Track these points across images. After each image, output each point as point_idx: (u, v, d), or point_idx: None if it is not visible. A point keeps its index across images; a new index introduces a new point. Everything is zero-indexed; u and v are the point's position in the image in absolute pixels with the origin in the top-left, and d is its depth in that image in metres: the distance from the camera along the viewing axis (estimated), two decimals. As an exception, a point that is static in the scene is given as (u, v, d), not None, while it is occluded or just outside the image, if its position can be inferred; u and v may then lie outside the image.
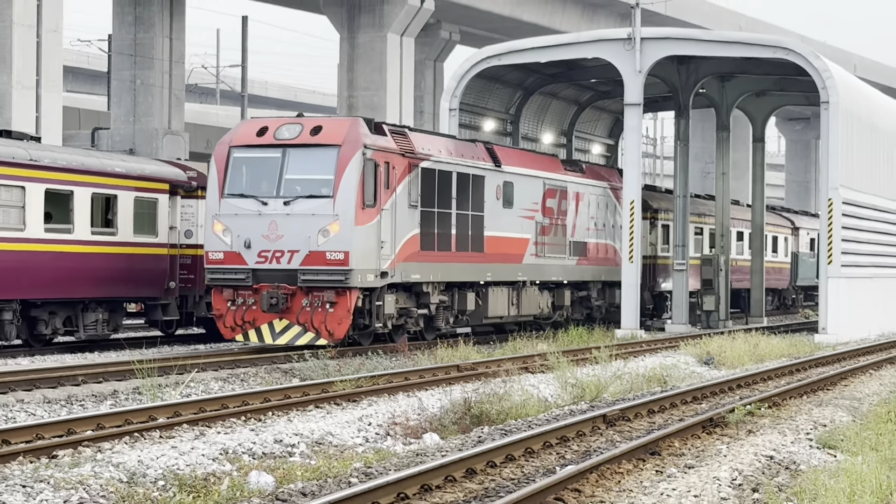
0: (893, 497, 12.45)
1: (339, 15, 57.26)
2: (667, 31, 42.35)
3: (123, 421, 17.31)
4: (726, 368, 28.15)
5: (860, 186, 40.16)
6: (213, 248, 26.22)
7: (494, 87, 45.34)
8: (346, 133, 26.01)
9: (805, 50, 39.16)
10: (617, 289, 39.06)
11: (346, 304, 25.57)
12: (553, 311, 36.00)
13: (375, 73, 56.44)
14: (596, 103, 51.31)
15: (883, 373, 27.13)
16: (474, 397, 19.56)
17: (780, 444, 16.24)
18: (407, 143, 28.09)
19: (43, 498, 12.10)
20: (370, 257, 26.10)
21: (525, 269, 33.49)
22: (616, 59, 39.57)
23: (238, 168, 26.42)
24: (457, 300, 30.55)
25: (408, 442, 17.60)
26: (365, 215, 25.75)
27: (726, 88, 46.63)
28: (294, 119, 27.01)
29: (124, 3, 56.34)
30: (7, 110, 40.37)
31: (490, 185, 31.70)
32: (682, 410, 20.30)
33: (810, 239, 55.36)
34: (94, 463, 13.86)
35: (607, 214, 38.68)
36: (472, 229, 30.69)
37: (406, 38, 57.13)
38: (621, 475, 13.93)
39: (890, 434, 16.19)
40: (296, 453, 16.01)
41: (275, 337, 25.95)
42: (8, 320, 26.66)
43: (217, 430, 16.91)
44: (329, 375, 23.38)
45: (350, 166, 25.52)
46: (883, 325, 42.06)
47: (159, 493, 12.95)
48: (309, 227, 25.52)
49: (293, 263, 25.56)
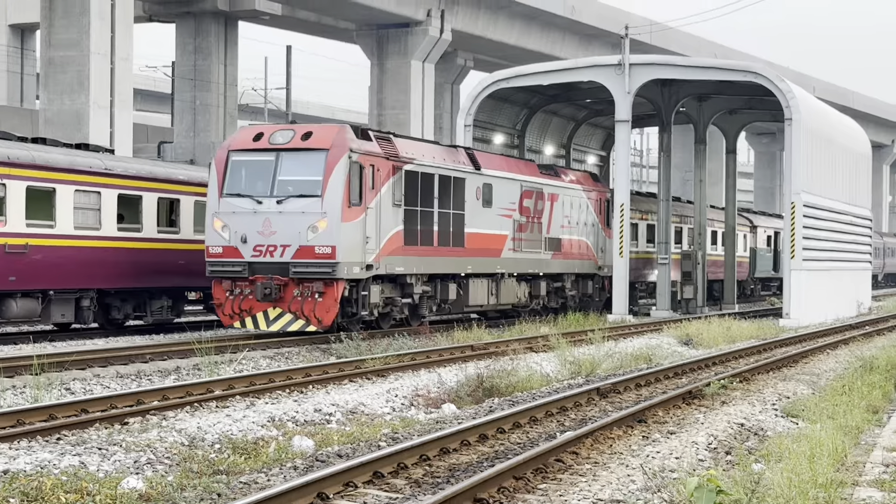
0: (847, 458, 12.54)
1: (370, 45, 57.34)
2: (652, 57, 42.17)
3: (185, 393, 17.24)
4: (703, 348, 28.08)
5: (819, 191, 39.97)
6: (213, 243, 25.54)
7: (503, 106, 45.21)
8: (333, 138, 25.29)
9: (771, 74, 39.06)
10: (590, 280, 39.02)
11: (333, 294, 24.81)
12: (530, 301, 35.25)
13: (401, 95, 56.41)
14: (591, 120, 50.97)
15: (838, 352, 27.04)
16: (486, 373, 19.54)
17: (749, 413, 16.40)
18: (392, 147, 27.32)
19: (116, 459, 12.20)
20: (356, 251, 25.32)
21: (503, 263, 32.78)
22: (608, 82, 39.52)
23: (236, 170, 25.71)
24: (439, 290, 29.74)
25: (429, 411, 17.45)
26: (351, 213, 24.98)
27: (703, 107, 46.32)
28: (287, 126, 26.53)
29: (185, 35, 56.61)
30: (85, 127, 40.29)
31: (470, 187, 30.99)
32: (665, 384, 20.28)
33: (767, 236, 54.81)
34: (160, 429, 13.92)
35: (580, 214, 37.92)
36: (454, 226, 29.93)
37: (427, 64, 57.12)
38: (613, 440, 13.97)
39: (844, 405, 16.02)
40: (332, 421, 15.95)
41: (269, 324, 25.21)
42: (86, 307, 26.71)
43: (265, 401, 16.76)
44: (361, 354, 23.21)
45: (337, 168, 24.83)
46: (838, 311, 41.74)
47: (216, 455, 12.98)
48: (299, 224, 24.79)
49: (285, 257, 24.87)
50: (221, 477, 11.79)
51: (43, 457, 11.99)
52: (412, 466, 12.27)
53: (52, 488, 10.63)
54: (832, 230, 42.38)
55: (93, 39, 40.79)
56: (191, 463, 12.49)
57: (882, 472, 11.95)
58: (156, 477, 11.60)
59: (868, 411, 16.42)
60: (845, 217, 44.82)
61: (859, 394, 17.61)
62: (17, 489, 10.54)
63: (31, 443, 12.98)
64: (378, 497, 10.90)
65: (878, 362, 21.61)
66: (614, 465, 12.39)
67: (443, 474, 12.08)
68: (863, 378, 19.55)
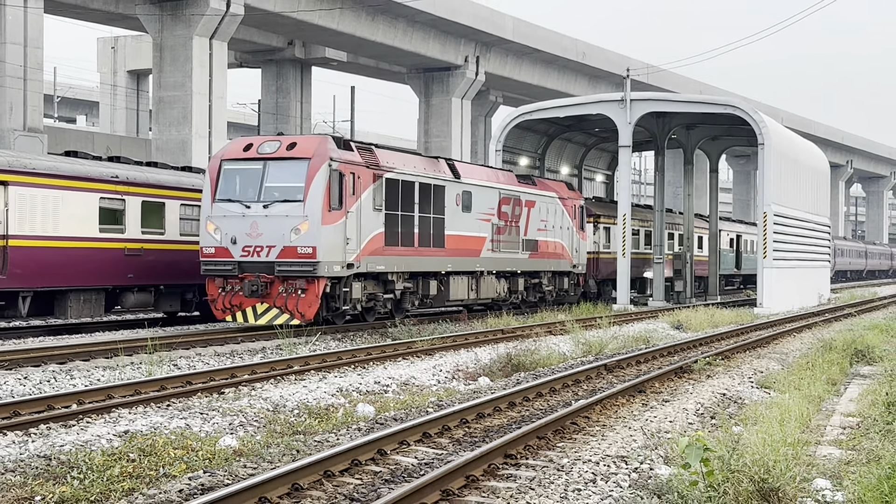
0: (811, 422, 12.59)
1: (419, 85, 57.51)
2: (648, 94, 41.98)
3: (270, 368, 17.30)
4: (692, 332, 27.91)
5: (786, 203, 39.67)
6: (207, 244, 23.35)
7: (527, 134, 45.21)
8: (315, 148, 23.17)
9: (747, 107, 38.73)
10: (566, 277, 36.64)
11: (315, 291, 22.73)
12: (509, 295, 32.81)
13: (444, 126, 56.54)
14: (598, 145, 50.85)
15: (803, 335, 26.92)
16: (514, 352, 19.52)
17: (730, 385, 16.34)
18: (373, 157, 25.02)
19: (214, 421, 12.27)
20: (336, 251, 23.15)
21: (483, 262, 30.36)
22: (613, 115, 39.37)
23: (227, 177, 23.58)
24: (421, 286, 27.46)
25: (467, 383, 17.49)
26: (331, 216, 22.87)
27: (691, 135, 46.08)
28: (275, 137, 24.26)
29: (269, 78, 57.01)
30: (189, 153, 40.50)
31: (450, 194, 28.40)
32: (661, 361, 20.21)
33: (729, 239, 53.16)
34: (250, 397, 14.00)
35: (556, 218, 35.20)
36: (434, 229, 27.49)
37: (465, 100, 57.20)
38: (618, 406, 13.99)
39: (808, 378, 16.05)
40: (389, 391, 15.99)
41: (257, 318, 23.07)
42: (189, 299, 27.00)
43: (334, 375, 16.83)
44: (412, 337, 23.22)
45: (318, 175, 22.71)
46: (803, 301, 41.41)
47: (294, 419, 13.04)
48: (283, 226, 22.70)
49: (271, 256, 22.77)
50: (299, 436, 11.84)
51: (156, 420, 12.09)
52: (454, 428, 12.28)
53: (164, 445, 10.72)
54: (797, 235, 42.06)
55: (194, 82, 41.17)
56: (274, 425, 12.56)
57: (840, 433, 11.96)
58: (246, 436, 11.69)
59: (828, 383, 16.38)
60: (808, 224, 44.50)
61: (821, 369, 17.56)
62: (135, 446, 10.65)
63: (146, 409, 13.10)
64: (426, 453, 10.92)
65: (836, 343, 21.46)
66: (619, 428, 12.38)
67: (479, 434, 12.08)
68: (823, 356, 19.42)
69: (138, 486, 9.35)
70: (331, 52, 55.18)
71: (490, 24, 54.38)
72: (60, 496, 8.91)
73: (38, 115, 39.50)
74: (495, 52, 57.60)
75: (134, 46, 61.26)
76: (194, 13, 40.88)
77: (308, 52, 55.53)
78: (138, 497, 8.78)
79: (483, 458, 9.90)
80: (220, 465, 10.17)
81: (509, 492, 9.04)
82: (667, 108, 41.27)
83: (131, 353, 18.55)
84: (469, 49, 55.79)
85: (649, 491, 8.86)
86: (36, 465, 9.76)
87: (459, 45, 55.08)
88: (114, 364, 17.55)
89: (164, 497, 8.76)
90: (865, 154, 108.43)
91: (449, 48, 54.52)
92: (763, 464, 8.51)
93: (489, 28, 54.32)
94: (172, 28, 41.48)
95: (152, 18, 41.84)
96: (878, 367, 18.64)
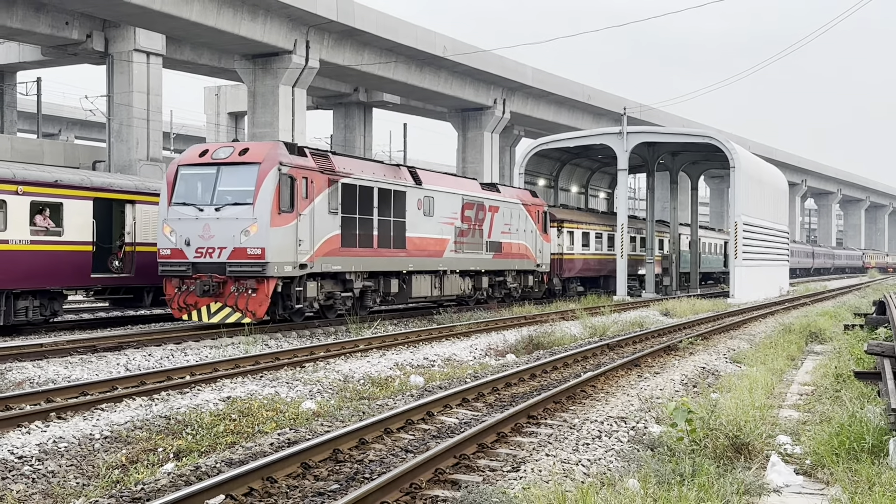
0: (774, 390, 12.50)
1: (458, 122, 57.44)
2: (641, 128, 41.71)
3: (341, 347, 17.27)
4: (677, 318, 27.72)
5: (753, 214, 39.28)
6: (163, 246, 20.07)
7: (544, 160, 44.96)
8: (266, 153, 19.85)
9: (720, 137, 38.40)
10: (530, 275, 32.47)
11: (265, 290, 19.42)
12: (474, 292, 29.16)
13: (477, 154, 56.43)
14: (601, 169, 50.54)
15: (767, 320, 26.68)
16: (534, 334, 19.71)
17: (708, 360, 16.22)
18: (328, 163, 21.50)
19: (297, 389, 12.28)
20: (287, 252, 19.81)
21: (446, 262, 26.68)
22: (613, 144, 39.15)
23: (183, 182, 20.25)
24: (382, 285, 23.93)
25: (497, 359, 17.42)
26: (281, 219, 19.60)
27: (675, 160, 45.72)
28: (229, 143, 20.91)
29: (339, 118, 57.20)
30: None
31: (412, 199, 24.81)
32: (652, 341, 20.07)
33: (688, 241, 51.40)
34: (325, 370, 13.94)
35: (519, 222, 31.33)
36: (395, 231, 24.03)
37: (494, 134, 57.09)
38: (618, 378, 13.95)
39: (772, 355, 16.04)
40: (435, 365, 15.97)
41: (210, 316, 19.72)
42: None
43: (392, 352, 16.77)
44: (453, 322, 23.26)
45: (267, 179, 19.44)
46: (767, 293, 41.03)
47: (360, 387, 13.06)
48: (234, 229, 19.47)
49: (222, 257, 19.54)
50: (365, 401, 11.85)
51: (251, 388, 12.12)
52: (487, 394, 12.26)
53: (258, 408, 10.80)
54: (762, 239, 41.62)
55: (280, 121, 41.34)
56: (345, 392, 12.56)
57: (797, 399, 11.86)
58: (323, 401, 11.72)
59: (788, 359, 16.25)
60: (771, 231, 44.01)
61: (782, 347, 17.45)
62: (235, 408, 10.73)
63: (244, 379, 13.13)
64: (465, 414, 10.91)
65: (794, 327, 21.33)
66: (619, 394, 12.31)
67: (507, 399, 12.07)
68: (784, 337, 19.34)
69: (238, 440, 9.45)
70: (387, 96, 55.31)
71: (514, 73, 54.33)
72: (178, 448, 9.01)
73: (158, 148, 39.97)
74: (518, 95, 57.48)
75: (233, 93, 61.76)
76: (280, 67, 41.16)
77: (370, 96, 55.68)
78: (238, 449, 8.86)
79: (511, 419, 9.89)
80: (302, 423, 10.22)
81: (532, 445, 9.03)
82: (656, 138, 40.99)
83: (232, 336, 18.66)
84: (497, 93, 55.72)
85: (644, 445, 8.85)
86: (158, 424, 9.88)
87: (490, 90, 55.01)
88: (218, 344, 17.65)
89: (258, 449, 8.83)
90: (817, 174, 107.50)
91: (481, 92, 54.48)
92: (736, 423, 8.51)
93: (513, 76, 54.26)
94: (263, 79, 41.77)
95: (247, 71, 42.18)
96: (828, 346, 18.46)
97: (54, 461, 8.47)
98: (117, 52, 39.64)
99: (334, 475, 7.96)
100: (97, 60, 41.64)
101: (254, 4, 38.03)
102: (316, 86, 48.76)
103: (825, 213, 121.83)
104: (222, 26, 37.46)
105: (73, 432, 9.33)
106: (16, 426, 9.71)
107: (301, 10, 39.02)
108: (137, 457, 8.74)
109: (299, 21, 40.40)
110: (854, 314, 24.06)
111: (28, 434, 9.33)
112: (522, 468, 7.93)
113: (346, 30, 41.99)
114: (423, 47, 46.21)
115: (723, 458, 8.07)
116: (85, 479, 8.10)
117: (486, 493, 6.86)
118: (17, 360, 14.65)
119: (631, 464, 8.01)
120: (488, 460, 8.45)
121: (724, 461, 7.97)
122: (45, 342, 16.72)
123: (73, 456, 8.68)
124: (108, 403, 11.01)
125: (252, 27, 38.62)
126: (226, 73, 48.62)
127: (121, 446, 9.08)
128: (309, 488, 7.52)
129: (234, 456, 8.49)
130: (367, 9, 42.41)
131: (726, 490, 6.76)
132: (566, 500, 6.42)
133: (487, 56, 51.61)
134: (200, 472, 7.88)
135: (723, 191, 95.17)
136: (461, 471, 8.06)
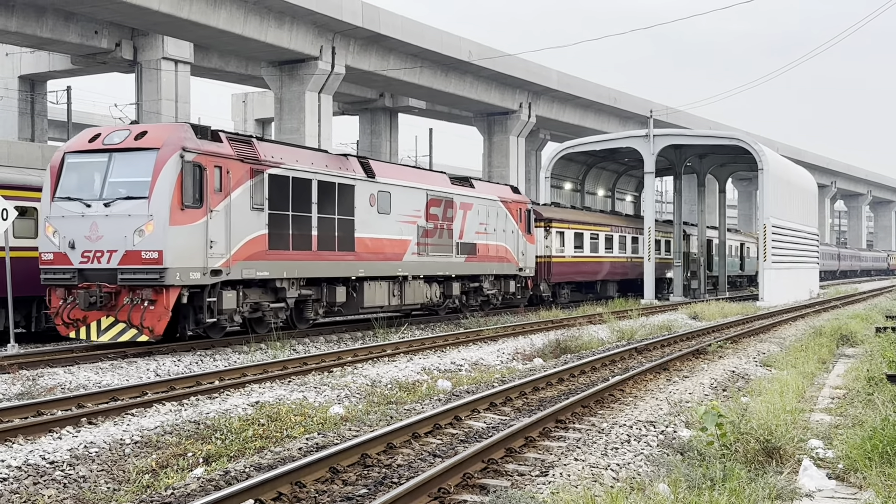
0: (805, 394, 12.41)
1: (483, 126, 57.52)
2: (668, 131, 41.57)
3: (368, 352, 17.19)
4: (705, 321, 27.62)
5: (781, 216, 39.06)
6: (45, 250, 16.48)
7: (570, 164, 44.87)
8: (166, 137, 16.27)
9: (748, 139, 38.15)
10: (512, 280, 28.61)
11: (164, 302, 15.85)
12: (444, 300, 25.38)
13: (503, 158, 56.47)
14: (627, 172, 50.34)
15: (798, 324, 26.51)
16: (562, 338, 19.53)
17: (738, 364, 16.12)
18: (250, 150, 17.83)
19: (325, 394, 12.29)
20: (193, 256, 16.23)
21: (406, 266, 22.99)
22: (639, 147, 39.10)
23: (69, 173, 16.66)
24: (326, 294, 20.31)
25: (525, 363, 17.40)
26: (184, 216, 16.03)
27: (703, 162, 45.47)
28: (125, 126, 17.21)
29: (365, 123, 57.49)
30: None
31: (362, 194, 21.14)
32: (681, 345, 19.96)
33: (716, 244, 51.46)
34: (353, 375, 14.00)
35: (498, 221, 27.48)
36: (340, 231, 20.36)
37: (520, 138, 57.04)
38: (646, 381, 13.90)
39: (802, 358, 15.92)
40: (462, 369, 15.90)
41: (100, 334, 16.05)
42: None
43: (419, 357, 16.82)
44: (481, 326, 23.19)
45: (166, 168, 15.88)
46: (796, 296, 40.78)
47: (388, 391, 13.05)
48: (125, 228, 15.82)
49: (112, 263, 15.85)
50: (392, 406, 11.85)
51: (280, 393, 12.15)
52: (514, 399, 12.21)
53: (286, 412, 10.82)
54: (791, 242, 41.38)
55: (307, 127, 41.66)
56: (372, 396, 12.55)
57: (829, 402, 11.75)
58: (350, 405, 11.72)
59: (819, 362, 16.12)
60: (800, 233, 43.73)
61: (812, 351, 17.32)
62: (264, 413, 10.76)
63: (272, 384, 13.17)
64: (493, 419, 10.86)
65: (825, 330, 21.18)
66: (648, 398, 12.24)
67: (535, 404, 12.01)
68: (815, 340, 19.19)
69: (267, 444, 9.46)
70: (413, 101, 55.49)
71: (539, 77, 54.27)
72: (207, 453, 9.04)
73: (186, 155, 40.28)
74: (544, 99, 57.43)
75: (260, 100, 62.19)
76: (306, 73, 41.40)
77: (395, 101, 55.87)
78: (267, 453, 8.88)
79: (539, 423, 9.85)
80: (330, 428, 10.22)
81: (560, 449, 8.98)
82: (683, 141, 40.78)
83: (261, 342, 18.69)
84: (523, 97, 55.69)
85: (674, 449, 8.78)
86: (188, 429, 9.92)
87: (515, 94, 55.00)
88: (247, 349, 17.71)
89: (287, 454, 8.84)
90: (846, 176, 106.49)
91: (507, 97, 54.47)
92: (767, 427, 8.43)
93: (538, 80, 54.21)
94: (289, 85, 42.05)
95: (274, 78, 42.48)
96: (859, 349, 18.31)
97: (85, 466, 8.53)
98: (146, 61, 40.05)
99: (363, 480, 7.97)
100: (126, 69, 42.11)
101: (280, 11, 38.29)
102: (342, 92, 48.99)
103: (855, 214, 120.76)
104: (249, 34, 37.74)
105: (104, 437, 9.40)
106: (47, 431, 9.80)
107: (327, 16, 39.24)
108: (167, 461, 8.79)
109: (325, 27, 40.61)
110: (886, 317, 23.83)
111: (59, 439, 9.41)
112: (551, 472, 7.89)
113: (371, 35, 42.16)
114: (449, 52, 46.29)
115: (754, 462, 7.99)
116: (115, 484, 8.15)
117: (515, 498, 6.83)
118: (49, 366, 14.76)
119: (660, 468, 7.95)
120: (517, 465, 8.41)
121: (755, 465, 7.89)
122: (75, 348, 16.87)
123: (103, 461, 8.74)
124: (138, 409, 11.08)
125: (278, 34, 38.88)
126: (253, 80, 48.97)
127: (151, 451, 9.13)
128: (337, 493, 7.54)
129: (262, 461, 8.51)
130: (392, 14, 42.57)
131: (758, 494, 6.71)
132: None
133: (512, 60, 51.60)
134: (230, 477, 7.91)
135: (751, 193, 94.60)
136: (489, 475, 8.03)
